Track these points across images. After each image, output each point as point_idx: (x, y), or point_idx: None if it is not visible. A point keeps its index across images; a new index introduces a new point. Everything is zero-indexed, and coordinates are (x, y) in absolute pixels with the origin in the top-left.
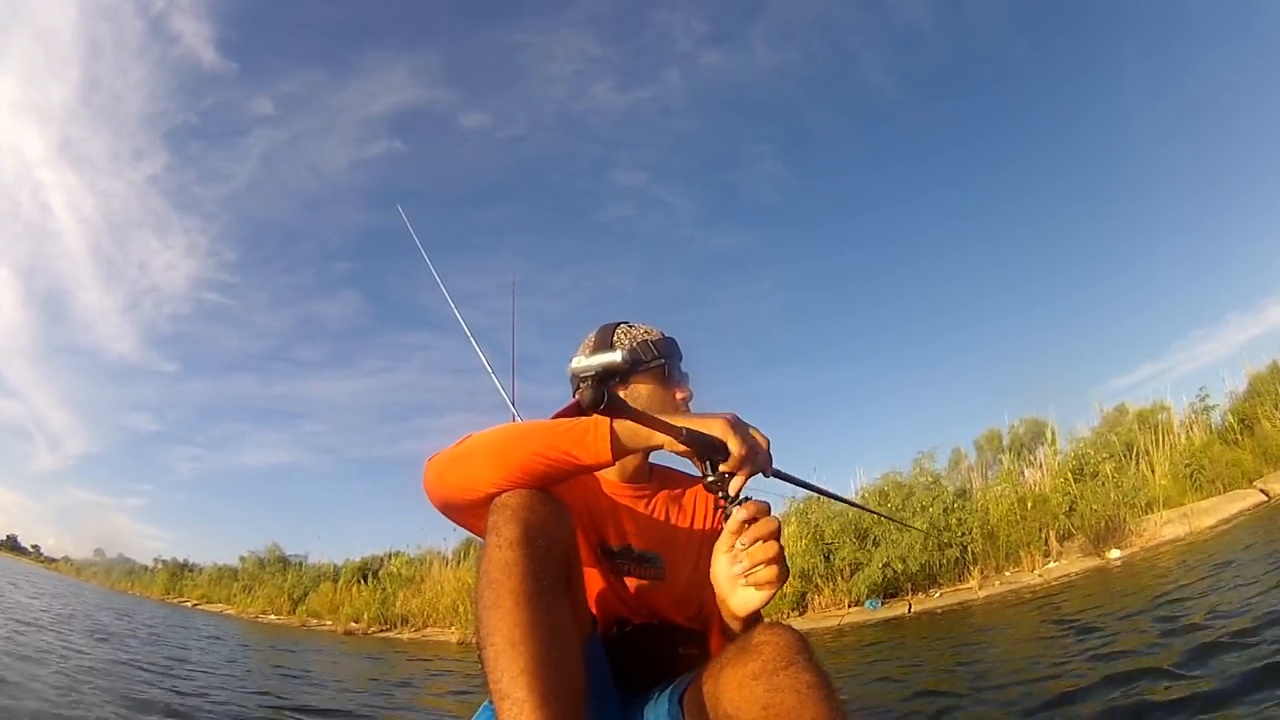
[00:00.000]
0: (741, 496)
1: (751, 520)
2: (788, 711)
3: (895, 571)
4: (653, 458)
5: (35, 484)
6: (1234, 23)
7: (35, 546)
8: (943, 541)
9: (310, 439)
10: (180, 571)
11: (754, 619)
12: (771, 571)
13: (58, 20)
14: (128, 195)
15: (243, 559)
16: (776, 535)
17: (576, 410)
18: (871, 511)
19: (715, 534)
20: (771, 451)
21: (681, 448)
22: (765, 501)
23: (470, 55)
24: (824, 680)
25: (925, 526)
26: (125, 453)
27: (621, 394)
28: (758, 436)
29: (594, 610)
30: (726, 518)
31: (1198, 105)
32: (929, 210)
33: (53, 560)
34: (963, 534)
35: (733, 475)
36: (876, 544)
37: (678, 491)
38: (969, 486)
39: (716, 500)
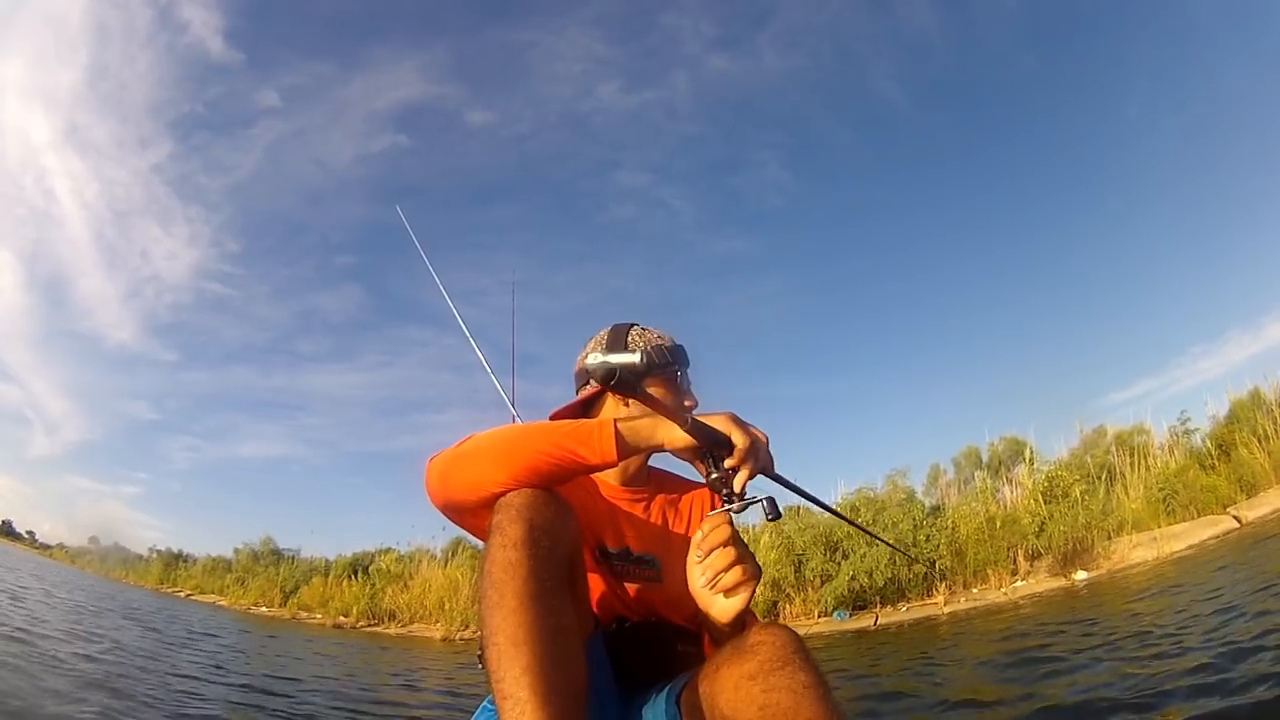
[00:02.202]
0: (747, 495)
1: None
2: (784, 711)
3: (862, 585)
4: (652, 460)
5: (31, 469)
6: (1239, 41)
7: (30, 532)
8: (911, 558)
9: (307, 432)
10: (175, 562)
11: (741, 621)
12: (734, 575)
13: (66, 5)
14: (131, 183)
15: (237, 551)
16: (729, 540)
17: (576, 409)
18: (866, 531)
19: None
20: (771, 452)
21: (685, 442)
22: (723, 511)
23: (478, 53)
24: (820, 680)
25: (894, 540)
26: (122, 441)
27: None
28: (757, 434)
29: (594, 611)
30: (730, 515)
31: (1203, 122)
32: (932, 221)
33: (47, 547)
34: (930, 550)
35: (736, 471)
36: (846, 556)
37: (674, 496)
38: (944, 503)
39: (719, 498)
